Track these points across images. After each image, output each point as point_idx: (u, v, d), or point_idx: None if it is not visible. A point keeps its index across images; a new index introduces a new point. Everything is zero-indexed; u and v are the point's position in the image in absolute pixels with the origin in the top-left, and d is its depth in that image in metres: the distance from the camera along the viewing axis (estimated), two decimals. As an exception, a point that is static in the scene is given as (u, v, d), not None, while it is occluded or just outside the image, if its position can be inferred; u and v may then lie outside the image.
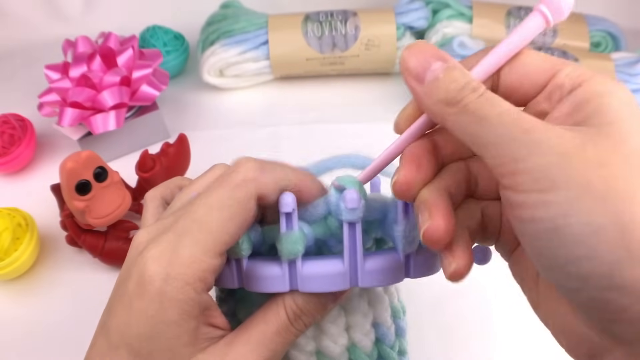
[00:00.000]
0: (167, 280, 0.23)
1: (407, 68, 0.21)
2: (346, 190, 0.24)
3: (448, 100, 0.20)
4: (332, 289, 0.25)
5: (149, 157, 0.48)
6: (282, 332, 0.25)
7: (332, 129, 0.58)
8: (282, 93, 0.64)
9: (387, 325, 0.30)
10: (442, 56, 0.21)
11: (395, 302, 0.31)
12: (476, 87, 0.20)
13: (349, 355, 0.29)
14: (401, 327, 0.31)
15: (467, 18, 0.61)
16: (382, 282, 0.25)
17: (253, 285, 0.26)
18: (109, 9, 0.73)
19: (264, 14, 0.62)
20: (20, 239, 0.45)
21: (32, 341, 0.43)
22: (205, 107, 0.62)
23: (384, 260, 0.25)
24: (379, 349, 0.30)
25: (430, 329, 0.43)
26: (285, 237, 0.24)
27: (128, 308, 0.23)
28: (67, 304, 0.45)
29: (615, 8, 0.68)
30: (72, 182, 0.40)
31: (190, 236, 0.23)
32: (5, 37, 0.72)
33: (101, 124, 0.50)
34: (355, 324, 0.29)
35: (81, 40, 0.55)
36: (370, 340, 0.29)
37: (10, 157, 0.52)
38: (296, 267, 0.25)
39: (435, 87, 0.21)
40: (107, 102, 0.49)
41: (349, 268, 0.25)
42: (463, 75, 0.21)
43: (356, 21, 0.60)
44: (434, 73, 0.21)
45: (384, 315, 0.30)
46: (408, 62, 0.21)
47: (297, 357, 0.28)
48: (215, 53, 0.59)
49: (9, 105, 0.58)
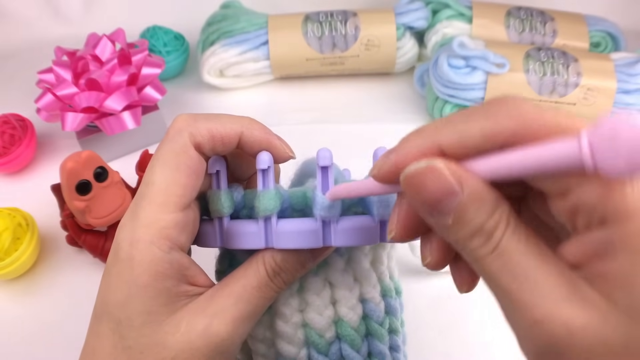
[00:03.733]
0: (132, 244, 0.23)
1: (415, 200, 0.18)
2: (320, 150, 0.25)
3: (460, 247, 0.18)
4: (305, 245, 0.25)
5: (149, 157, 0.48)
6: (262, 287, 0.26)
7: (332, 129, 0.58)
8: (282, 93, 0.64)
9: (375, 302, 0.30)
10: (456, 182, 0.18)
11: (386, 281, 0.31)
12: (491, 232, 0.17)
13: (335, 329, 0.29)
14: (392, 306, 0.31)
15: (467, 18, 0.61)
16: (356, 242, 0.25)
17: (232, 243, 0.27)
18: (109, 9, 0.73)
19: (264, 14, 0.62)
20: (20, 239, 0.45)
21: (32, 341, 0.43)
22: (205, 107, 0.62)
23: (358, 221, 0.26)
24: (367, 324, 0.30)
25: (430, 329, 0.43)
26: (262, 194, 0.25)
27: (107, 278, 0.24)
28: (67, 304, 0.45)
29: (615, 8, 0.68)
30: (73, 182, 0.40)
31: (145, 198, 0.24)
32: (5, 37, 0.72)
33: (117, 125, 0.50)
34: (341, 298, 0.29)
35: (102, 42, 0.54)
36: (357, 315, 0.29)
37: (10, 157, 0.52)
38: (271, 224, 0.25)
39: (444, 229, 0.18)
40: (115, 106, 0.49)
41: (321, 225, 0.25)
42: (477, 213, 0.18)
43: (356, 21, 0.60)
44: (446, 211, 0.18)
45: (372, 291, 0.30)
46: (416, 195, 0.18)
47: (283, 328, 0.29)
48: (216, 53, 0.59)
49: (9, 105, 0.58)
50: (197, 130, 0.25)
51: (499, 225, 0.18)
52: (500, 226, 0.18)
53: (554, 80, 0.53)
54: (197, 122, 0.25)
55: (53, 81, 0.52)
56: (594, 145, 0.15)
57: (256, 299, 0.26)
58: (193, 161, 0.24)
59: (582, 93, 0.53)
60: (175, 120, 0.25)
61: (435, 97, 0.57)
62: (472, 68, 0.53)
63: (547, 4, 0.63)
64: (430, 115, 0.59)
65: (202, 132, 0.25)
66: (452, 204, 0.18)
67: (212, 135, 0.25)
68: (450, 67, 0.53)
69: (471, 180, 0.18)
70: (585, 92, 0.53)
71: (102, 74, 0.50)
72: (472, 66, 0.53)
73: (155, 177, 0.24)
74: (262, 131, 0.26)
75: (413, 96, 0.63)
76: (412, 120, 0.60)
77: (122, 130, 0.50)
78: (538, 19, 0.61)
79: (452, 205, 0.18)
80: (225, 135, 0.25)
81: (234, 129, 0.25)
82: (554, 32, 0.60)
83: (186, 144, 0.24)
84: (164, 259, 0.23)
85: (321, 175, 0.25)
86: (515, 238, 0.17)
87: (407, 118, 0.60)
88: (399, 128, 0.58)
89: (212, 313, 0.24)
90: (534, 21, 0.61)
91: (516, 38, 0.60)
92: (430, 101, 0.58)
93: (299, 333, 0.29)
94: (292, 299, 0.29)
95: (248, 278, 0.26)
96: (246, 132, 0.26)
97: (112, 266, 0.24)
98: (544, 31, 0.60)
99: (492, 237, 0.17)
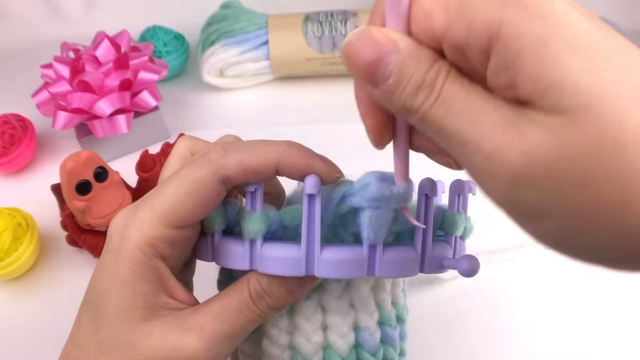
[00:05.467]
0: (122, 238, 0.24)
1: (357, 70, 0.19)
2: (307, 176, 0.24)
3: (406, 109, 0.19)
4: (288, 273, 0.25)
5: (149, 157, 0.48)
6: (243, 309, 0.25)
7: (332, 129, 0.58)
8: (282, 93, 0.64)
9: (370, 331, 0.29)
10: (390, 43, 0.18)
11: (386, 308, 0.30)
12: (433, 82, 0.18)
13: (323, 355, 0.28)
14: (389, 335, 0.30)
15: (467, 18, 0.61)
16: (341, 274, 0.24)
17: (221, 260, 0.26)
18: (109, 9, 0.73)
19: (264, 14, 0.62)
20: (20, 239, 0.45)
21: (32, 341, 0.43)
22: (205, 107, 0.62)
23: (345, 251, 0.24)
24: (358, 353, 0.29)
25: (430, 329, 0.43)
26: (248, 216, 0.25)
27: (96, 268, 0.25)
28: (67, 304, 0.45)
29: (615, 8, 0.68)
30: (73, 182, 0.40)
31: (149, 203, 0.24)
32: (5, 37, 0.72)
33: (109, 128, 0.50)
34: (332, 324, 0.28)
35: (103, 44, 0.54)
36: (348, 344, 0.28)
37: (10, 157, 0.52)
38: (256, 246, 0.25)
39: (390, 94, 0.19)
40: (104, 110, 0.49)
41: (305, 254, 0.24)
42: (417, 66, 0.18)
43: (356, 21, 0.60)
44: (386, 74, 0.18)
45: (368, 320, 0.29)
46: (356, 63, 0.19)
47: (269, 348, 0.28)
48: (216, 53, 0.59)
49: (9, 105, 0.58)
50: (227, 163, 0.24)
51: (439, 74, 0.18)
52: (441, 75, 0.18)
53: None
54: (228, 154, 0.24)
55: (54, 77, 0.52)
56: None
57: (235, 319, 0.25)
58: (209, 195, 0.24)
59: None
60: (210, 146, 0.25)
61: (435, 97, 0.57)
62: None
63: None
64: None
65: (232, 166, 0.24)
66: (391, 64, 0.18)
67: (243, 168, 0.24)
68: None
69: (406, 39, 0.18)
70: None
71: (97, 76, 0.50)
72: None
73: (167, 190, 0.24)
74: (301, 156, 0.25)
75: (413, 96, 0.62)
76: (412, 120, 0.60)
77: (113, 133, 0.50)
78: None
79: (391, 65, 0.18)
80: (259, 166, 0.24)
81: (269, 158, 0.24)
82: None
83: (210, 177, 0.24)
84: (145, 262, 0.24)
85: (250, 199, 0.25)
86: (457, 85, 0.18)
87: (407, 118, 0.60)
88: (399, 128, 0.59)
89: (186, 327, 0.24)
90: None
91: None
92: (430, 101, 0.58)
93: (286, 354, 0.28)
94: (281, 320, 0.28)
95: (229, 297, 0.25)
96: (283, 159, 0.24)
97: (102, 255, 0.25)
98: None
99: (435, 86, 0.18)
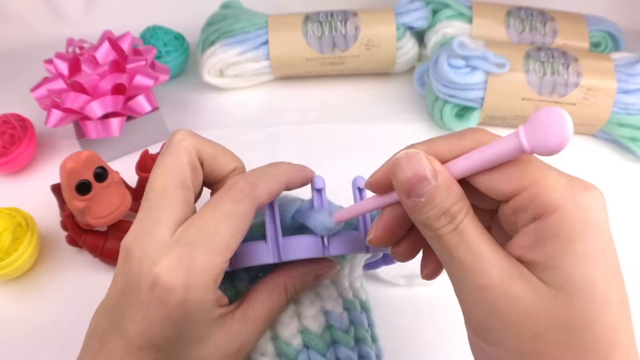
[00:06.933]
0: (189, 290, 0.25)
1: (399, 180, 0.23)
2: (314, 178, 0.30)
3: (425, 225, 0.22)
4: (259, 262, 0.29)
5: (149, 157, 0.48)
6: (283, 306, 0.31)
7: (332, 129, 0.58)
8: (282, 93, 0.64)
9: (337, 313, 0.33)
10: (432, 171, 0.22)
11: (348, 296, 0.34)
12: (454, 215, 0.22)
13: (302, 337, 0.32)
14: (357, 317, 0.34)
15: (467, 18, 0.61)
16: (302, 254, 0.29)
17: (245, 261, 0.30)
18: (109, 9, 0.73)
19: (264, 14, 0.62)
20: (20, 239, 0.45)
21: (32, 341, 0.43)
22: (205, 107, 0.62)
23: (303, 238, 0.29)
24: (332, 332, 0.33)
25: (430, 329, 0.43)
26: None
27: (146, 315, 0.25)
28: (67, 304, 0.45)
29: (615, 8, 0.68)
30: (72, 182, 0.40)
31: (205, 247, 0.26)
32: (5, 37, 0.72)
33: (101, 130, 0.50)
34: (303, 310, 0.32)
35: None
36: (319, 323, 0.32)
37: (10, 157, 0.52)
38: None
39: (417, 208, 0.22)
40: (96, 112, 0.49)
41: (271, 245, 0.29)
42: (446, 198, 0.22)
43: (356, 21, 0.60)
44: (421, 192, 0.22)
45: (333, 304, 0.33)
46: (399, 175, 0.23)
47: None
48: (215, 53, 0.59)
49: (9, 105, 0.58)
50: (260, 193, 0.27)
51: (461, 210, 0.22)
52: (462, 212, 0.22)
53: (554, 80, 0.53)
54: (258, 187, 0.28)
55: (54, 72, 0.52)
56: (528, 133, 0.20)
57: (273, 320, 0.31)
58: (249, 223, 0.27)
59: (582, 93, 0.53)
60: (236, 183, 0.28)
61: (435, 97, 0.57)
62: (472, 68, 0.53)
63: (547, 4, 0.63)
64: (430, 115, 0.59)
65: (264, 195, 0.28)
66: (427, 187, 0.22)
67: (270, 195, 0.28)
68: (450, 67, 0.53)
69: (444, 172, 0.22)
70: (585, 92, 0.53)
71: (92, 77, 0.50)
72: (472, 66, 0.53)
73: (219, 229, 0.26)
74: (301, 174, 0.30)
75: (413, 96, 0.63)
76: (412, 120, 0.60)
77: (105, 136, 0.51)
78: (538, 18, 0.61)
79: (427, 188, 0.22)
80: (279, 190, 0.29)
81: (282, 181, 0.29)
82: (554, 32, 0.60)
83: (251, 209, 0.27)
84: (213, 298, 0.27)
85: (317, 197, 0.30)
86: (472, 224, 0.22)
87: (407, 118, 0.60)
88: (399, 128, 0.59)
89: (244, 337, 0.29)
90: (534, 21, 0.61)
91: (516, 38, 0.60)
92: (430, 101, 0.58)
93: (270, 345, 0.31)
94: None
95: (272, 304, 0.30)
96: (290, 181, 0.29)
97: (155, 306, 0.25)
98: (544, 31, 0.60)
99: (455, 219, 0.22)
